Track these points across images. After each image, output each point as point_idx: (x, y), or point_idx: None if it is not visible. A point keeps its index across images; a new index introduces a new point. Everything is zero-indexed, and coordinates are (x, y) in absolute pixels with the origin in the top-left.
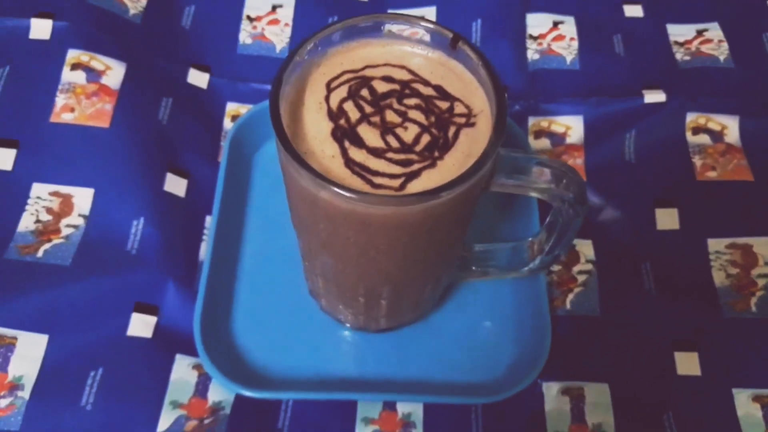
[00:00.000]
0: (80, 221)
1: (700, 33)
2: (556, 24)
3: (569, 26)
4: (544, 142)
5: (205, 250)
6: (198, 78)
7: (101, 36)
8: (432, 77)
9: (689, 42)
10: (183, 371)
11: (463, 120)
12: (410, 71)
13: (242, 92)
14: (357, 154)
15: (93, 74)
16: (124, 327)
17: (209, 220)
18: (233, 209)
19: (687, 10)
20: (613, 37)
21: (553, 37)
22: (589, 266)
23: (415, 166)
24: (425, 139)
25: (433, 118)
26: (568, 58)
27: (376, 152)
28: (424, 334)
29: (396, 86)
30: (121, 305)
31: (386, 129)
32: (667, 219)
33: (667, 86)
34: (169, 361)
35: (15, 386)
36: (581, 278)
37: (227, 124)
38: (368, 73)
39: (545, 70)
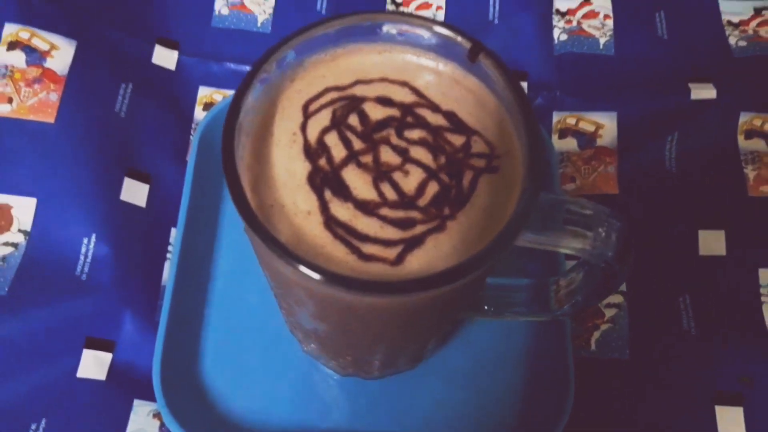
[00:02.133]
0: (20, 238)
1: (758, 12)
2: None
3: (604, 0)
4: (570, 143)
5: (168, 273)
6: (164, 57)
7: (45, 7)
8: (443, 100)
9: (745, 23)
10: (142, 420)
11: (482, 162)
12: (414, 90)
13: (217, 74)
14: (341, 210)
15: (35, 55)
16: (73, 367)
17: (175, 235)
18: (203, 221)
19: None
20: (655, 14)
21: (584, 14)
22: (620, 299)
23: (418, 229)
24: (432, 188)
25: (443, 159)
26: (602, 41)
27: (366, 207)
28: (425, 380)
29: (395, 112)
30: (70, 341)
31: (380, 174)
32: (712, 243)
33: (718, 78)
34: (125, 408)
35: None
36: (609, 313)
37: (198, 114)
38: (359, 91)
39: (574, 54)
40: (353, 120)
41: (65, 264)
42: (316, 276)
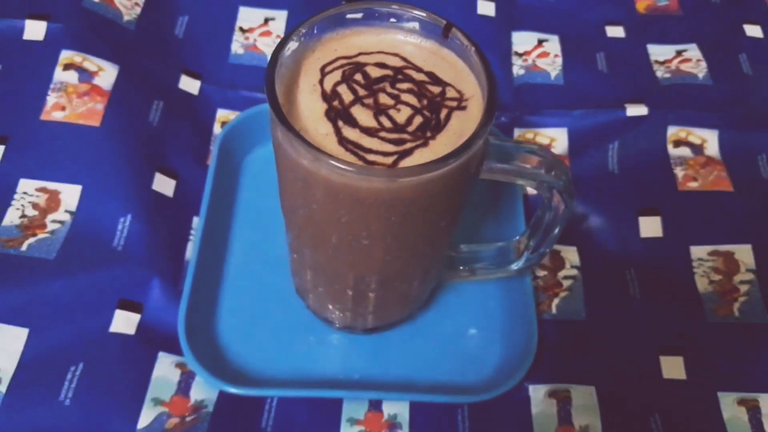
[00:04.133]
0: (66, 217)
1: (679, 53)
2: (540, 42)
3: (553, 44)
4: None
5: (191, 250)
6: (189, 84)
7: (95, 38)
8: (424, 64)
9: (669, 61)
10: (165, 369)
11: (454, 103)
12: (403, 58)
13: (233, 99)
14: (350, 133)
15: (85, 74)
16: (107, 323)
17: (196, 221)
18: (221, 211)
19: (667, 33)
20: (596, 54)
21: (537, 54)
22: (575, 272)
23: (408, 145)
24: (417, 120)
25: (425, 101)
26: (553, 74)
27: (369, 131)
28: (410, 335)
29: (389, 72)
30: (105, 301)
31: (379, 110)
32: (650, 227)
33: (649, 101)
34: (151, 358)
35: None
36: (567, 283)
37: (217, 129)
38: (362, 59)
39: (530, 84)
40: (358, 77)
41: (104, 237)
42: (340, 165)
